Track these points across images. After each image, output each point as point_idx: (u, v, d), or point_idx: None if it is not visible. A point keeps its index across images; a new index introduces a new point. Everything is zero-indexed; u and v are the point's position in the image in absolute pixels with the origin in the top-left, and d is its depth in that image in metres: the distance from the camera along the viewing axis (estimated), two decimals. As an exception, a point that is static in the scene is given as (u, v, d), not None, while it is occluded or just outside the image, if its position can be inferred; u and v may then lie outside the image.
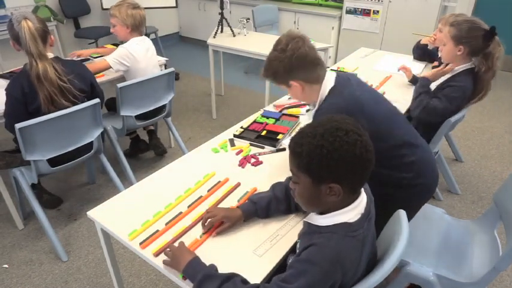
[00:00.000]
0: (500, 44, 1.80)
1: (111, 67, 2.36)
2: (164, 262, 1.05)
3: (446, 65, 1.95)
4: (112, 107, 2.59)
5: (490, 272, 1.29)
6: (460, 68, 1.89)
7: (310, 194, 0.90)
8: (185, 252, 1.03)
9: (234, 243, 1.13)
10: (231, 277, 0.94)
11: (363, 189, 0.95)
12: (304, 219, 0.99)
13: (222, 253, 1.10)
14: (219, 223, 1.16)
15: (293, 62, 1.27)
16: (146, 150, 2.96)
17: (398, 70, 2.40)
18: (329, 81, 1.34)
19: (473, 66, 1.87)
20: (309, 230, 0.96)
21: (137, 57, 2.41)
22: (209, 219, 1.16)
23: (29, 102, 1.86)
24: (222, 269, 1.04)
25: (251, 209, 1.20)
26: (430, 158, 1.45)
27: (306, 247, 0.90)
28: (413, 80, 2.24)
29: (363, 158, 0.84)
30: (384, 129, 1.30)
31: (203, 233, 1.16)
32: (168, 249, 1.07)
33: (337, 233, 0.88)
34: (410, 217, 1.53)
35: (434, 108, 1.84)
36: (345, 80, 1.36)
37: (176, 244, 1.09)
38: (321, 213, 0.94)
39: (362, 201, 0.93)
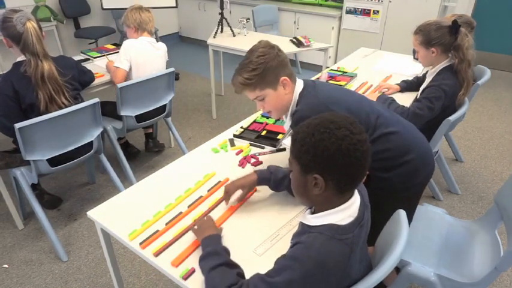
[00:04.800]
0: (468, 34, 1.84)
1: (126, 70, 2.45)
2: (192, 229, 1.16)
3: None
4: (106, 111, 2.46)
5: (492, 273, 1.28)
6: (439, 66, 1.93)
7: (298, 182, 0.92)
8: (211, 226, 1.13)
9: (234, 242, 1.13)
10: (232, 266, 0.98)
11: (356, 193, 0.94)
12: (299, 219, 0.99)
13: (222, 253, 1.10)
14: (241, 203, 1.30)
15: (282, 56, 1.31)
16: (137, 154, 2.96)
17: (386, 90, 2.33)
18: (299, 83, 1.37)
19: (452, 62, 1.89)
20: (302, 230, 0.97)
21: (131, 52, 2.43)
22: (227, 192, 1.27)
23: (21, 99, 1.87)
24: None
25: (266, 176, 1.28)
26: (414, 135, 1.44)
27: (293, 245, 0.92)
28: (403, 88, 2.27)
29: (349, 154, 0.83)
30: (360, 117, 1.31)
31: (227, 207, 1.28)
32: (197, 220, 1.20)
33: (324, 234, 0.87)
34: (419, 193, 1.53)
35: (415, 113, 1.86)
36: (310, 82, 1.39)
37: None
38: (313, 212, 0.95)
39: (354, 204, 0.91)
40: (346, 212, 0.90)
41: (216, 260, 0.98)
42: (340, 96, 1.37)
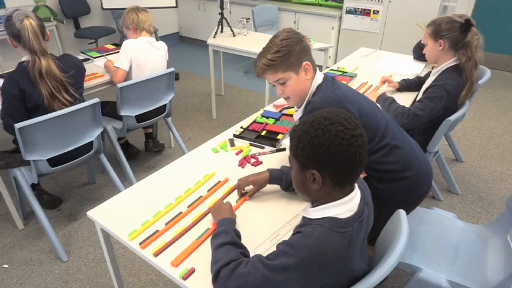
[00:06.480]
0: (478, 34, 1.82)
1: (126, 70, 2.45)
2: (210, 209, 1.24)
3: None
4: (106, 111, 2.53)
5: (506, 280, 1.26)
6: (445, 65, 1.90)
7: (298, 179, 0.94)
8: (228, 210, 1.19)
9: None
10: (237, 245, 1.01)
11: (357, 188, 0.95)
12: (301, 213, 1.00)
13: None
14: (241, 202, 1.31)
15: (305, 42, 1.33)
16: (137, 154, 2.96)
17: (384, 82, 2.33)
18: (319, 74, 1.38)
19: (458, 62, 1.87)
20: (303, 223, 0.99)
21: (131, 52, 2.44)
22: (239, 186, 1.33)
23: (27, 98, 1.87)
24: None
25: (278, 176, 1.31)
26: (416, 153, 1.46)
27: (294, 234, 0.94)
28: (402, 87, 2.26)
29: (343, 149, 0.84)
30: (370, 122, 1.35)
31: (239, 198, 1.32)
32: (216, 204, 1.25)
33: (324, 226, 0.88)
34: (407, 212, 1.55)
35: (415, 114, 1.85)
36: (329, 77, 1.40)
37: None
38: (314, 206, 0.96)
39: (354, 198, 0.92)
40: (346, 206, 0.91)
41: (224, 238, 1.02)
42: (356, 98, 1.37)
